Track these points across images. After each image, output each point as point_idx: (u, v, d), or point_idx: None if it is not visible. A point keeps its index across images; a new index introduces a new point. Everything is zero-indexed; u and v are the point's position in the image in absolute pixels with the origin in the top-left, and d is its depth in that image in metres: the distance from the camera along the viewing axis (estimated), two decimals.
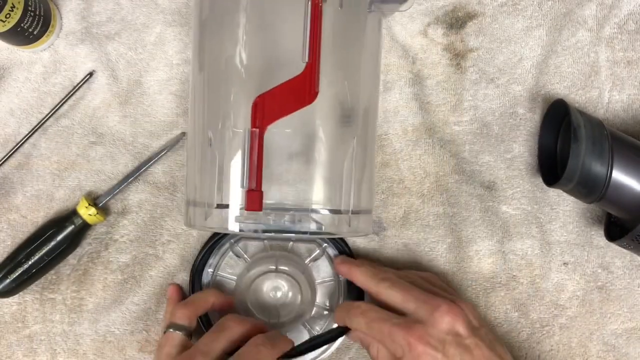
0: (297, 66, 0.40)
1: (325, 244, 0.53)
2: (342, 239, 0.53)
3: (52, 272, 0.53)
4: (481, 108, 0.55)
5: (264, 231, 0.42)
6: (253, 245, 0.53)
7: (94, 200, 0.52)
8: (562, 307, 0.54)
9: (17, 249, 0.51)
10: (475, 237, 0.54)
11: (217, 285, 0.52)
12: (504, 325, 0.54)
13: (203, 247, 0.52)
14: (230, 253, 0.52)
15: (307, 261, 0.52)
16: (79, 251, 0.53)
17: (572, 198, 0.54)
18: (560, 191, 0.54)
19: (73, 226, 0.51)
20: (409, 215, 0.54)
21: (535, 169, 0.54)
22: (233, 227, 0.42)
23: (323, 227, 0.43)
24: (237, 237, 0.52)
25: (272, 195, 0.42)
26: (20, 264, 0.50)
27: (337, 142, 0.45)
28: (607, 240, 0.52)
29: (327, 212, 0.44)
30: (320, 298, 0.53)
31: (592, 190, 0.48)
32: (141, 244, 0.53)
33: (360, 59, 0.46)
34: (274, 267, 0.50)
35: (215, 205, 0.43)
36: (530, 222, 0.54)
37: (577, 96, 0.55)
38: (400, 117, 0.55)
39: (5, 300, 0.53)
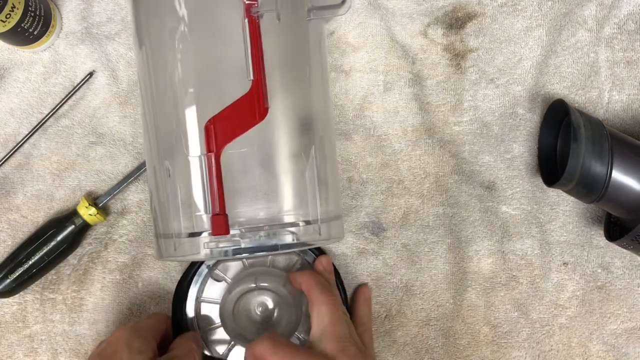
0: (244, 83, 0.39)
1: (302, 253, 0.52)
2: (317, 248, 0.52)
3: (53, 272, 0.53)
4: (481, 108, 0.55)
5: (235, 253, 0.41)
6: (233, 266, 0.52)
7: (94, 200, 0.52)
8: (562, 307, 0.54)
9: (18, 249, 0.52)
10: (475, 237, 0.54)
11: (203, 314, 0.52)
12: (504, 325, 0.54)
13: (183, 278, 0.52)
14: (210, 279, 0.52)
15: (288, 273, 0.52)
16: (79, 251, 0.53)
17: (572, 198, 0.54)
18: (560, 191, 0.54)
19: (73, 226, 0.51)
20: (408, 216, 0.54)
21: (535, 169, 0.54)
22: (204, 254, 0.41)
23: (296, 239, 0.42)
24: (213, 262, 0.51)
25: (240, 214, 0.41)
26: (20, 264, 0.51)
27: (297, 153, 0.43)
28: (607, 240, 0.52)
29: (298, 223, 0.43)
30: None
31: (592, 190, 0.48)
32: (140, 244, 0.53)
33: (308, 67, 0.45)
34: (254, 285, 0.49)
35: (183, 235, 0.42)
36: (530, 222, 0.54)
37: (577, 96, 0.55)
38: (400, 118, 0.55)
39: (5, 300, 0.53)
